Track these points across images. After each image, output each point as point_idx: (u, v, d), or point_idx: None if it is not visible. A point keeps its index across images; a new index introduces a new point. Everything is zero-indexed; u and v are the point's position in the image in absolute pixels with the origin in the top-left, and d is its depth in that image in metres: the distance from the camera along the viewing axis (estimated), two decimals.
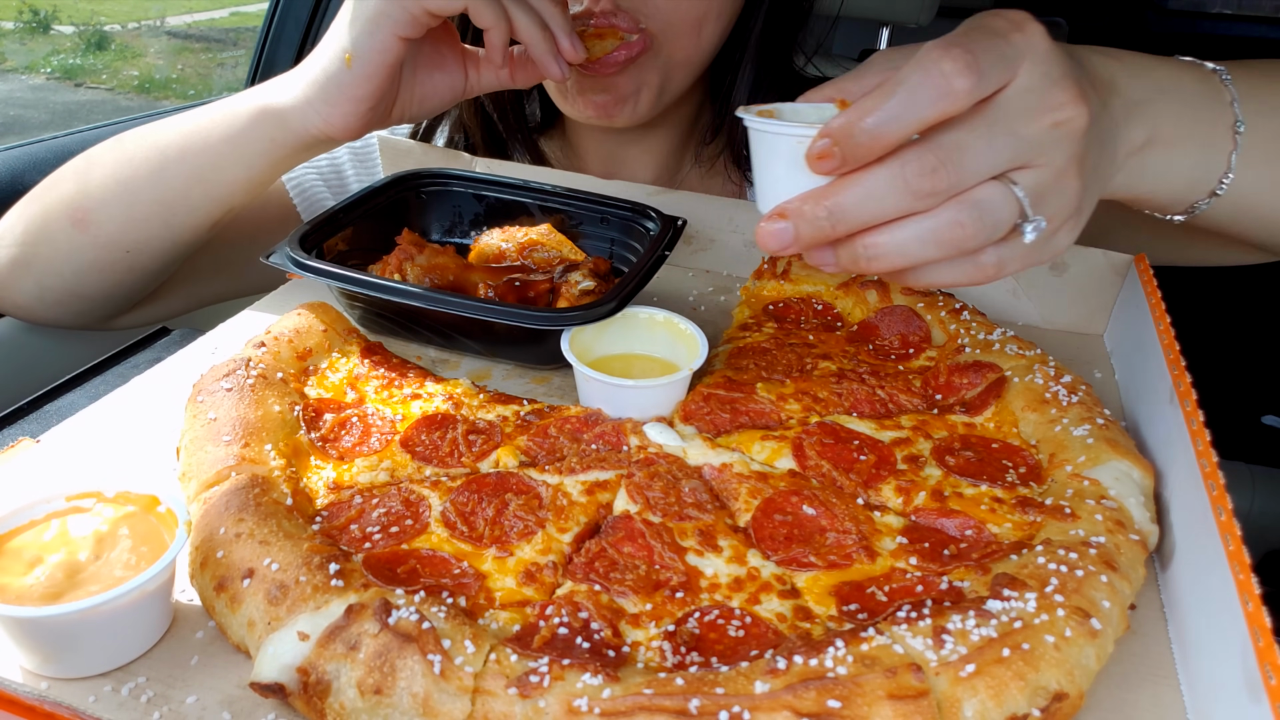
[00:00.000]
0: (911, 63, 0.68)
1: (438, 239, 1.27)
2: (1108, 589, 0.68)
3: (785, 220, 0.72)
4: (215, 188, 1.20)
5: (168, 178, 1.20)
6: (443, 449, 0.88)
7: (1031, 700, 0.61)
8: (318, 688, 0.62)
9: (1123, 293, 1.18)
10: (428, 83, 1.16)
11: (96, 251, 1.23)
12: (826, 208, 0.70)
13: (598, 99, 1.30)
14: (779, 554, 0.76)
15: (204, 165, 1.18)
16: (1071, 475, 0.82)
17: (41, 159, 1.65)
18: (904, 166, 0.68)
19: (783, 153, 0.74)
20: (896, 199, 0.69)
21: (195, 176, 1.19)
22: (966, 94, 0.67)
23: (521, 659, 0.62)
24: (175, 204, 1.21)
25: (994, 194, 0.70)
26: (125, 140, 1.24)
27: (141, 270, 1.27)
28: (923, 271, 0.75)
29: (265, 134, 1.15)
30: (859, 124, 0.68)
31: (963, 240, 0.70)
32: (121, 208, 1.21)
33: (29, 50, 4.22)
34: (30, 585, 0.63)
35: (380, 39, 1.04)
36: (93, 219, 1.22)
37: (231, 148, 1.17)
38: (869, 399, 0.97)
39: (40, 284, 1.28)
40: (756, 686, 0.59)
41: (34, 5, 4.39)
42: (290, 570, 0.67)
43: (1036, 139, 0.70)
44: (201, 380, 0.90)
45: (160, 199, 1.20)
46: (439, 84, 1.17)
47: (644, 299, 1.04)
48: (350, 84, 1.07)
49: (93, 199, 1.22)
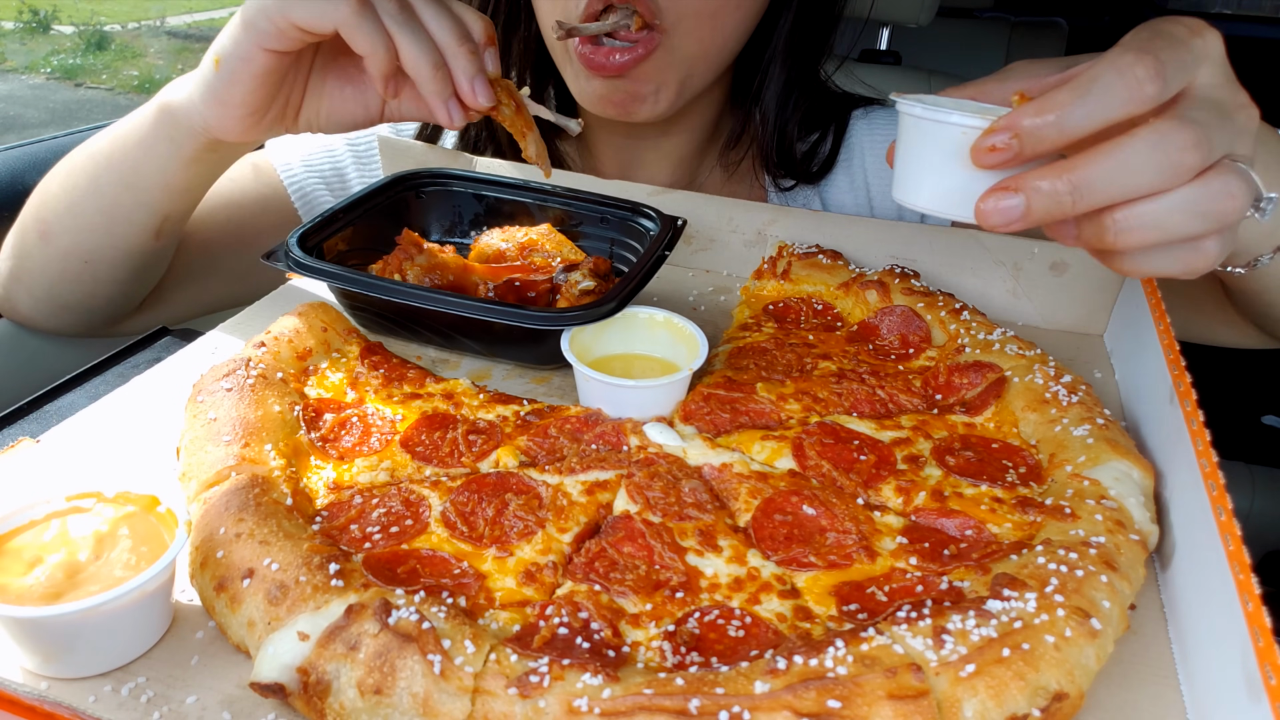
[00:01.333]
0: (1102, 64, 0.70)
1: (438, 239, 1.27)
2: (1108, 589, 0.68)
3: (1015, 195, 0.72)
4: (141, 194, 1.17)
5: (102, 186, 1.18)
6: (443, 449, 0.88)
7: (1032, 700, 0.61)
8: (318, 688, 0.62)
9: (1123, 293, 1.18)
10: (336, 96, 1.10)
11: (61, 263, 1.23)
12: (1070, 181, 0.70)
13: (615, 98, 1.28)
14: (779, 554, 0.76)
15: (126, 171, 1.16)
16: (1071, 475, 0.82)
17: (41, 159, 1.65)
18: (1164, 139, 0.69)
19: (944, 142, 0.75)
20: (1154, 173, 0.70)
21: (122, 183, 1.17)
22: (1153, 99, 0.70)
23: (521, 659, 0.62)
24: (112, 212, 1.19)
25: (1239, 171, 0.72)
26: (77, 149, 1.23)
27: (107, 280, 1.25)
28: (1149, 256, 0.75)
29: (166, 134, 1.12)
30: (1046, 118, 0.70)
31: (1228, 213, 0.72)
32: (71, 219, 1.20)
33: (29, 50, 4.22)
34: (30, 585, 0.63)
35: (245, 48, 1.00)
36: (51, 231, 1.22)
37: (143, 151, 1.15)
38: (869, 399, 0.97)
39: (31, 295, 1.28)
40: (756, 686, 0.59)
41: (34, 5, 4.38)
42: (290, 570, 0.67)
43: (1238, 128, 0.74)
44: (201, 380, 0.89)
45: (99, 208, 1.19)
46: (348, 101, 1.10)
47: (644, 299, 1.04)
48: (220, 88, 1.03)
49: (50, 210, 1.21)
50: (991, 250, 1.24)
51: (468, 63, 0.97)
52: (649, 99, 1.28)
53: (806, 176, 1.51)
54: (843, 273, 1.19)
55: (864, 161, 1.55)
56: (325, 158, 1.49)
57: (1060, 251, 1.21)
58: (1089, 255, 1.17)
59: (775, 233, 1.30)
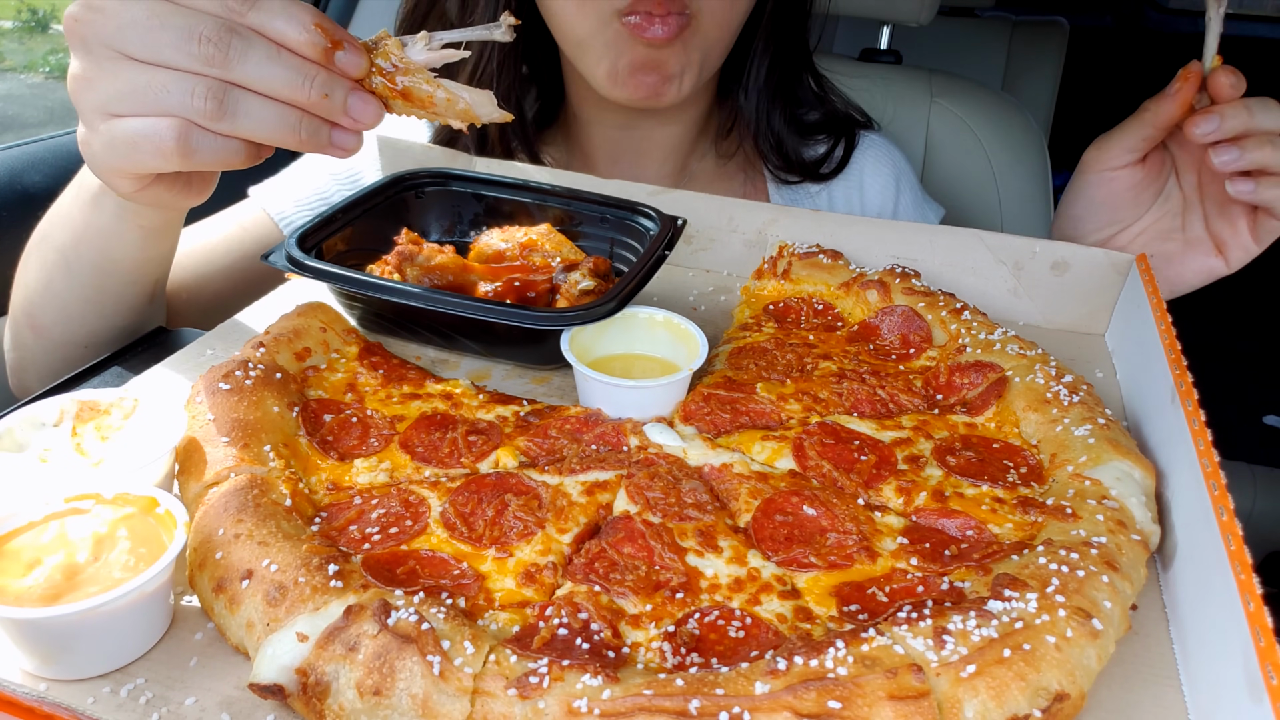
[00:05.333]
0: None
1: (437, 239, 1.27)
2: (1109, 589, 0.68)
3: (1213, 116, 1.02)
4: (123, 275, 1.11)
5: (79, 277, 1.11)
6: (442, 449, 0.87)
7: (1033, 701, 0.61)
8: (317, 689, 0.61)
9: (1124, 292, 1.17)
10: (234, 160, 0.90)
11: (60, 350, 1.18)
12: None
13: (648, 79, 1.32)
14: (779, 554, 0.76)
15: (99, 259, 1.09)
16: (1073, 475, 0.82)
17: (41, 158, 1.65)
18: None
19: None
20: None
21: (99, 271, 1.10)
22: None
23: (521, 660, 0.62)
24: (100, 300, 1.13)
25: None
26: (37, 241, 1.15)
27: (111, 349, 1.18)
28: None
29: (121, 212, 1.03)
30: None
31: None
32: (58, 313, 1.14)
33: (27, 49, 4.21)
34: (29, 586, 0.63)
35: (109, 181, 0.92)
36: (40, 322, 1.16)
37: (107, 237, 1.06)
38: (870, 399, 0.96)
39: (39, 379, 1.21)
40: (757, 687, 0.59)
41: (32, 4, 4.38)
42: (289, 571, 0.67)
43: None
44: (200, 381, 0.89)
45: (84, 299, 1.13)
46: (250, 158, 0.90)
47: (644, 299, 1.03)
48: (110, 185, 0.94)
49: (35, 307, 1.16)
50: (993, 250, 1.24)
51: (328, 100, 0.82)
52: (675, 80, 1.33)
53: (813, 175, 1.57)
54: (843, 272, 1.19)
55: (861, 179, 1.62)
56: (315, 197, 1.49)
57: (1061, 251, 1.21)
58: (1090, 255, 1.18)
59: (776, 232, 1.30)
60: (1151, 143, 1.18)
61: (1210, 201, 1.19)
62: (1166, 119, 1.14)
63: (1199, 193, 1.20)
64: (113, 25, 0.81)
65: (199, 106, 0.80)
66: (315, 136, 0.84)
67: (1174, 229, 1.23)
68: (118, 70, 0.82)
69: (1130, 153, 1.20)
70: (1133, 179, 1.22)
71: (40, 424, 0.80)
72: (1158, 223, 1.25)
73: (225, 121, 0.81)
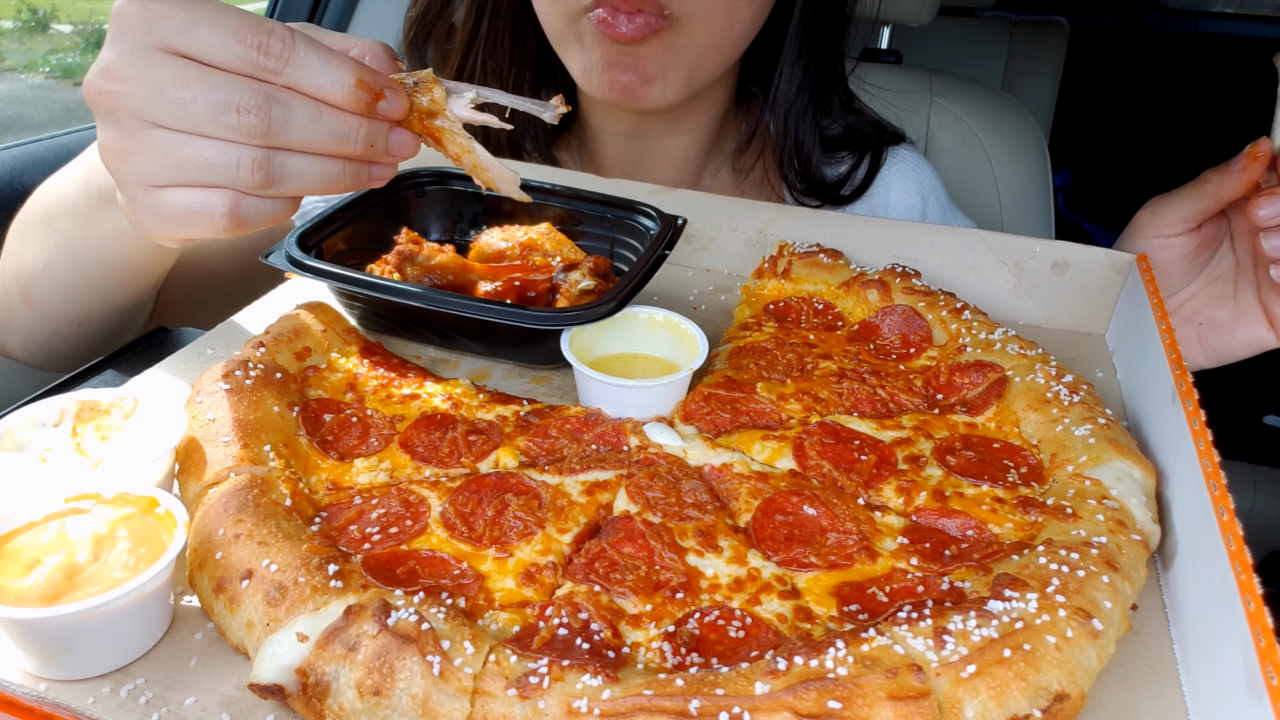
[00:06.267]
0: None
1: (437, 238, 1.27)
2: (1109, 589, 0.68)
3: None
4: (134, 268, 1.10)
5: (82, 265, 1.09)
6: (442, 449, 0.87)
7: (1033, 701, 0.61)
8: (316, 689, 0.61)
9: (1124, 292, 1.17)
10: None
11: (50, 325, 1.17)
12: None
13: (623, 77, 1.28)
14: (779, 554, 0.76)
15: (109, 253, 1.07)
16: (1073, 475, 0.82)
17: (41, 158, 1.65)
18: None
19: None
20: None
21: (108, 264, 1.09)
22: None
23: (521, 660, 0.62)
24: (104, 288, 1.12)
25: None
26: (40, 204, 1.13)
27: (105, 335, 1.20)
28: None
29: None
30: None
31: None
32: (55, 291, 1.13)
33: (28, 49, 4.21)
34: (29, 587, 0.63)
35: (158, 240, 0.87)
36: (34, 297, 1.15)
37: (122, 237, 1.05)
38: (870, 399, 0.96)
39: (24, 344, 1.23)
40: (757, 687, 0.59)
41: (32, 4, 4.37)
42: (289, 571, 0.67)
43: None
44: (200, 381, 0.89)
45: (84, 284, 1.12)
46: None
47: (644, 298, 1.03)
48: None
49: (29, 277, 1.14)
50: (993, 249, 1.23)
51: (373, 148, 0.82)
52: (657, 82, 1.29)
53: (834, 199, 1.50)
54: (844, 272, 1.19)
55: (886, 199, 1.55)
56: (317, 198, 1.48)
57: (1062, 250, 1.21)
58: (1091, 254, 1.18)
59: (776, 232, 1.30)
60: (1209, 214, 1.15)
61: (1264, 271, 1.13)
62: (1229, 195, 1.10)
63: (1254, 261, 1.15)
64: (140, 96, 0.76)
65: (246, 180, 0.78)
66: (357, 178, 0.84)
67: (1225, 295, 1.19)
68: (153, 141, 0.78)
69: (1186, 222, 1.16)
70: (1186, 247, 1.18)
71: (40, 424, 0.80)
72: (1208, 288, 1.20)
73: (274, 188, 0.79)
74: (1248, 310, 1.16)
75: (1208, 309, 1.20)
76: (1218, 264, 1.20)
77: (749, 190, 1.55)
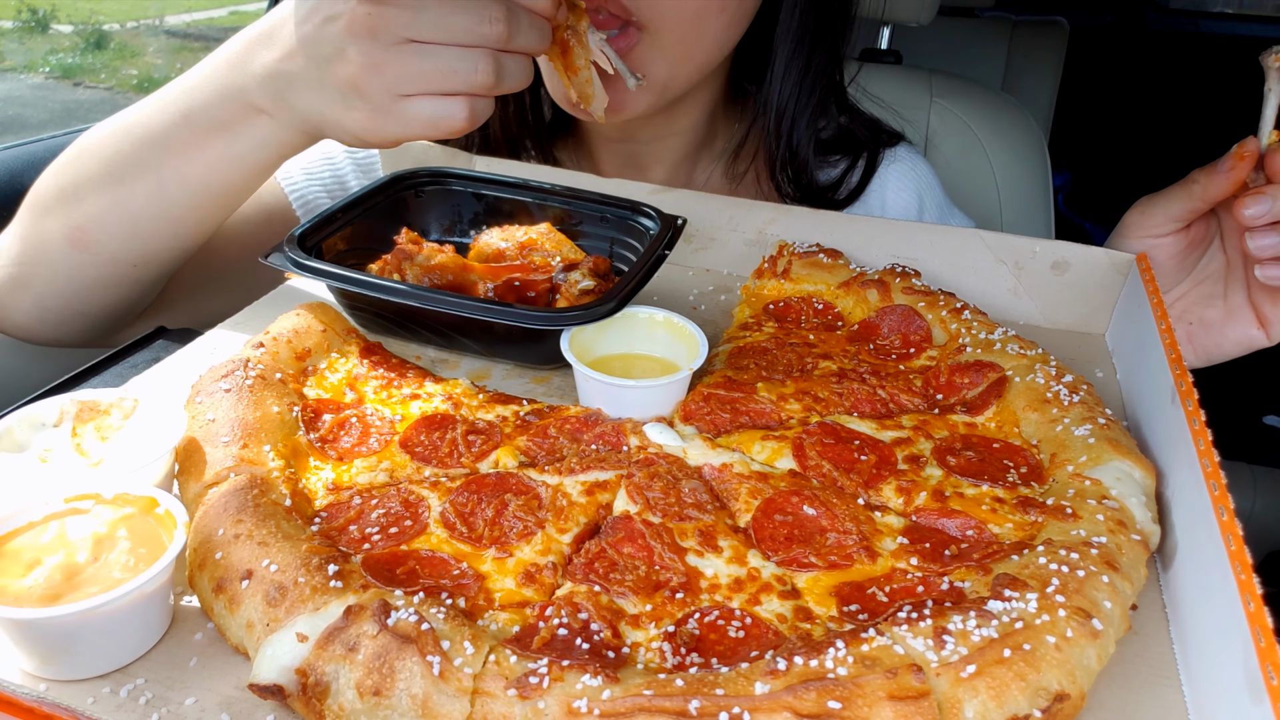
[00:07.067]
0: None
1: (437, 238, 1.27)
2: (1109, 589, 0.68)
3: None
4: (234, 190, 1.15)
5: (172, 198, 1.13)
6: (442, 449, 0.87)
7: (1033, 701, 0.61)
8: (316, 689, 0.61)
9: (1124, 292, 1.17)
10: None
11: (100, 270, 1.19)
12: None
13: None
14: (779, 554, 0.76)
15: (215, 180, 1.13)
16: (1073, 475, 0.82)
17: (41, 158, 1.64)
18: None
19: None
20: None
21: (206, 189, 1.14)
22: None
23: (521, 660, 0.62)
24: (185, 218, 1.16)
25: None
26: (105, 145, 1.16)
27: (149, 282, 1.24)
28: None
29: (254, 137, 1.09)
30: None
31: None
32: (124, 226, 1.16)
33: (27, 49, 4.21)
34: (29, 587, 0.63)
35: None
36: (92, 239, 1.16)
37: (228, 160, 1.11)
38: (870, 399, 0.96)
39: (40, 304, 1.23)
40: (757, 687, 0.59)
41: (32, 4, 4.38)
42: (289, 571, 0.67)
43: None
44: (200, 381, 0.89)
45: (164, 215, 1.15)
46: None
47: (644, 299, 1.03)
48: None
49: (90, 219, 1.16)
50: (993, 249, 1.24)
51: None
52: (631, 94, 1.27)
53: (828, 205, 1.48)
54: (843, 272, 1.19)
55: (883, 198, 1.55)
56: (325, 165, 1.48)
57: (1061, 250, 1.21)
58: (1091, 254, 1.18)
59: (776, 231, 1.30)
60: (1197, 214, 1.15)
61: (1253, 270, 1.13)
62: (1216, 195, 1.10)
63: (1243, 260, 1.15)
64: (405, 16, 0.91)
65: (482, 81, 0.94)
66: (527, 79, 0.99)
67: (1215, 294, 1.19)
68: (405, 56, 0.92)
69: (1175, 222, 1.16)
70: (1175, 246, 1.18)
71: (40, 424, 0.80)
72: (1199, 287, 1.21)
73: (498, 87, 0.96)
74: (1238, 309, 1.17)
75: (1198, 308, 1.20)
76: (1208, 263, 1.20)
77: (742, 194, 1.52)
